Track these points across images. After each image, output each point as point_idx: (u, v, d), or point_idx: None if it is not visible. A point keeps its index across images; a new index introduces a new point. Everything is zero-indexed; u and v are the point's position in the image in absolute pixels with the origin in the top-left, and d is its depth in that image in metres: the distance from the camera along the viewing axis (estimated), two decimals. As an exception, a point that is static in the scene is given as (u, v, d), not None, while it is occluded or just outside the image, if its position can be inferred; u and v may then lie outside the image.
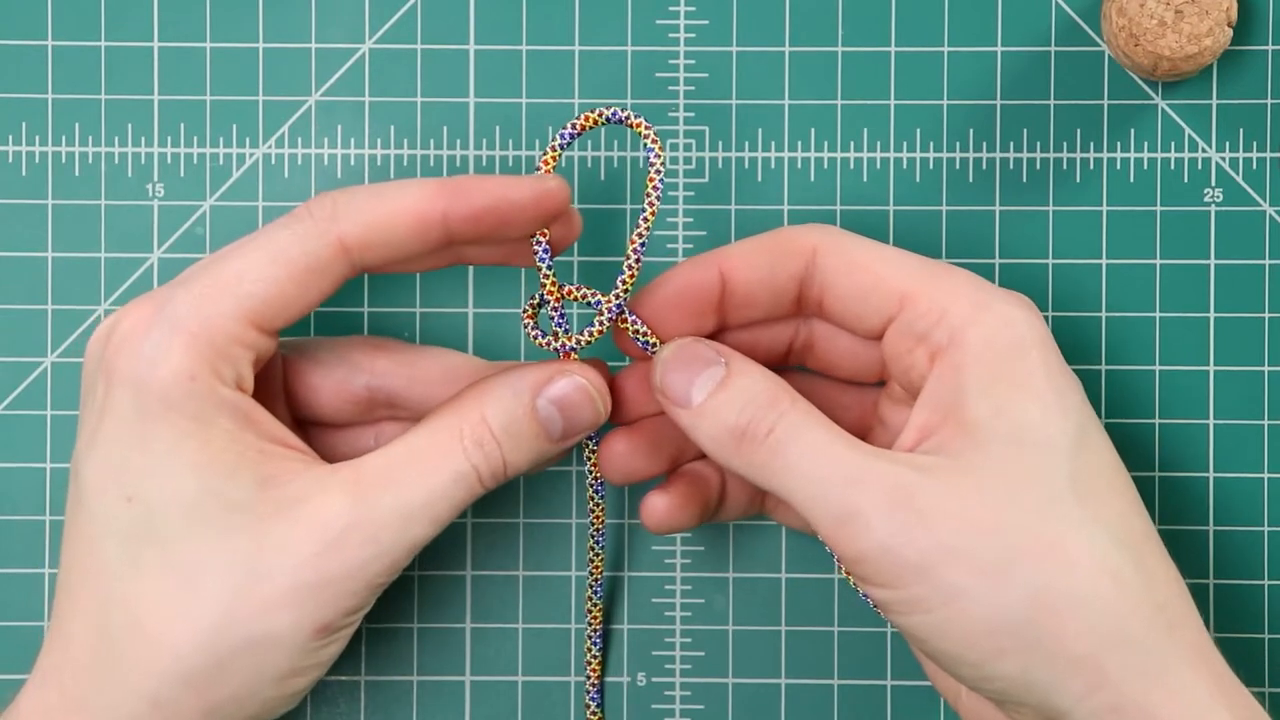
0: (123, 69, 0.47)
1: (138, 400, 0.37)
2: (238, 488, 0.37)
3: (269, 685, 0.38)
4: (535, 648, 0.47)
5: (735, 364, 0.39)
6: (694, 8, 0.47)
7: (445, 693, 0.47)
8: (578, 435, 0.41)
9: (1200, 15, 0.44)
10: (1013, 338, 0.38)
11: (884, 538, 0.36)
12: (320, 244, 0.38)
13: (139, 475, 0.37)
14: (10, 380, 0.47)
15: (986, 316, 0.38)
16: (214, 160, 0.47)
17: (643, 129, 0.40)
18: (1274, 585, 0.46)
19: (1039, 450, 0.37)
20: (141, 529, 0.37)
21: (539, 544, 0.47)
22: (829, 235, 0.41)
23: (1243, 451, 0.46)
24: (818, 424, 0.38)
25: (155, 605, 0.37)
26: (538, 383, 0.40)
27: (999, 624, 0.36)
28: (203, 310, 0.37)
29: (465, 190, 0.38)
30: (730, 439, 0.38)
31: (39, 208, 0.47)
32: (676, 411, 0.39)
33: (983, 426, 0.37)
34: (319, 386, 0.42)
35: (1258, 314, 0.47)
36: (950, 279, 0.39)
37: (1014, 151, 0.47)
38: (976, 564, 0.36)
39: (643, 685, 0.47)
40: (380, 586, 0.38)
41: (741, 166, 0.47)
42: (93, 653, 0.37)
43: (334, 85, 0.47)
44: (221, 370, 0.37)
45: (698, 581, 0.47)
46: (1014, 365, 0.38)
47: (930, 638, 0.37)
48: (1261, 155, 0.47)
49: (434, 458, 0.38)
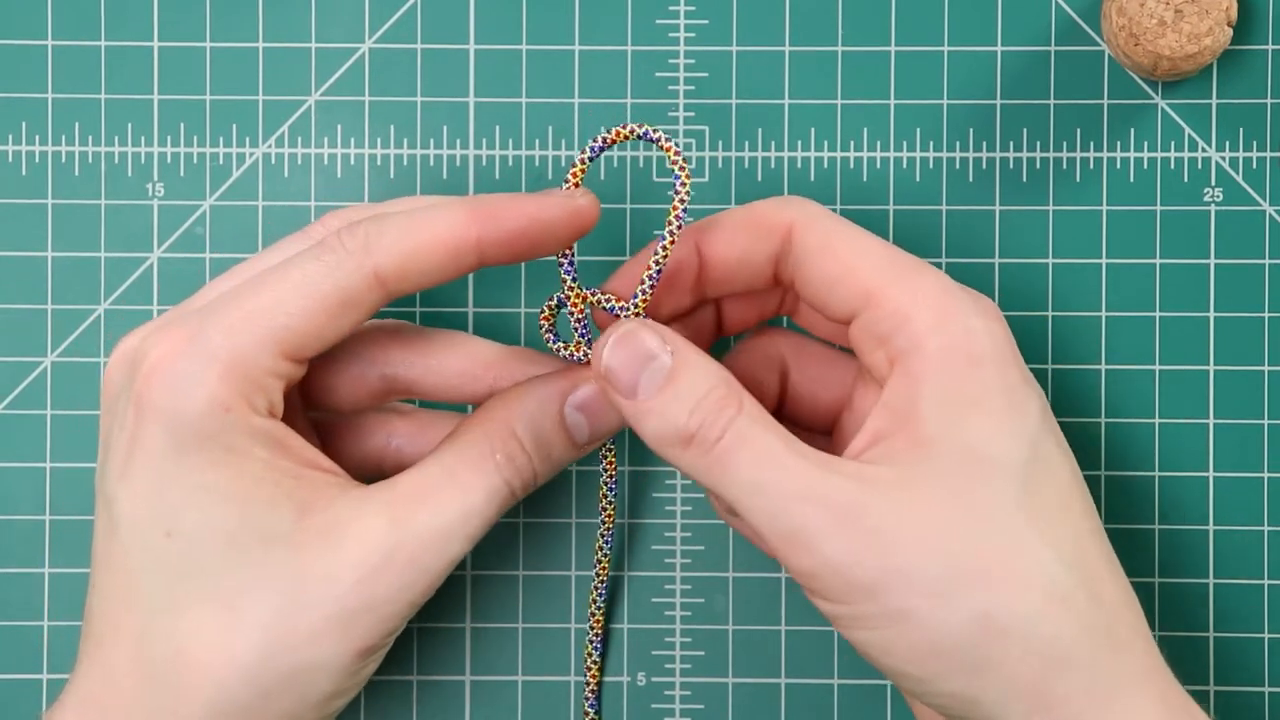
0: (123, 69, 0.47)
1: (173, 433, 0.37)
2: (277, 518, 0.37)
3: (311, 710, 0.38)
4: (535, 648, 0.47)
5: (682, 357, 0.38)
6: (694, 8, 0.47)
7: (445, 693, 0.47)
8: (602, 439, 0.41)
9: (1200, 15, 0.44)
10: (971, 350, 0.37)
11: (831, 557, 0.36)
12: (356, 278, 0.38)
13: (177, 509, 0.37)
14: (10, 380, 0.47)
15: (948, 325, 0.37)
16: (214, 160, 0.47)
17: (672, 153, 0.39)
18: (1274, 585, 0.46)
19: (989, 469, 0.36)
20: (182, 562, 0.37)
21: (539, 544, 0.47)
22: (806, 212, 0.40)
23: (1243, 452, 0.46)
24: (767, 430, 0.37)
25: (198, 637, 0.37)
26: (563, 391, 0.40)
27: (944, 646, 0.36)
28: (236, 342, 0.37)
29: (499, 214, 0.38)
30: (677, 440, 0.37)
31: (39, 208, 0.47)
32: (621, 403, 0.38)
33: (935, 441, 0.37)
34: (335, 383, 0.42)
35: (1258, 314, 0.47)
36: (917, 281, 0.38)
37: (1014, 151, 0.47)
38: (923, 586, 0.35)
39: (643, 685, 0.47)
40: (420, 605, 0.38)
41: (741, 166, 0.47)
42: (137, 684, 0.37)
43: (334, 85, 0.47)
44: (255, 400, 0.37)
45: (698, 581, 0.47)
46: (970, 379, 0.37)
47: (876, 653, 0.37)
48: (1261, 155, 0.47)
49: (468, 476, 0.38)
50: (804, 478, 0.36)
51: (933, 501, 0.36)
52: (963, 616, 0.35)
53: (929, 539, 0.36)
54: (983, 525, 0.36)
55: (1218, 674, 0.46)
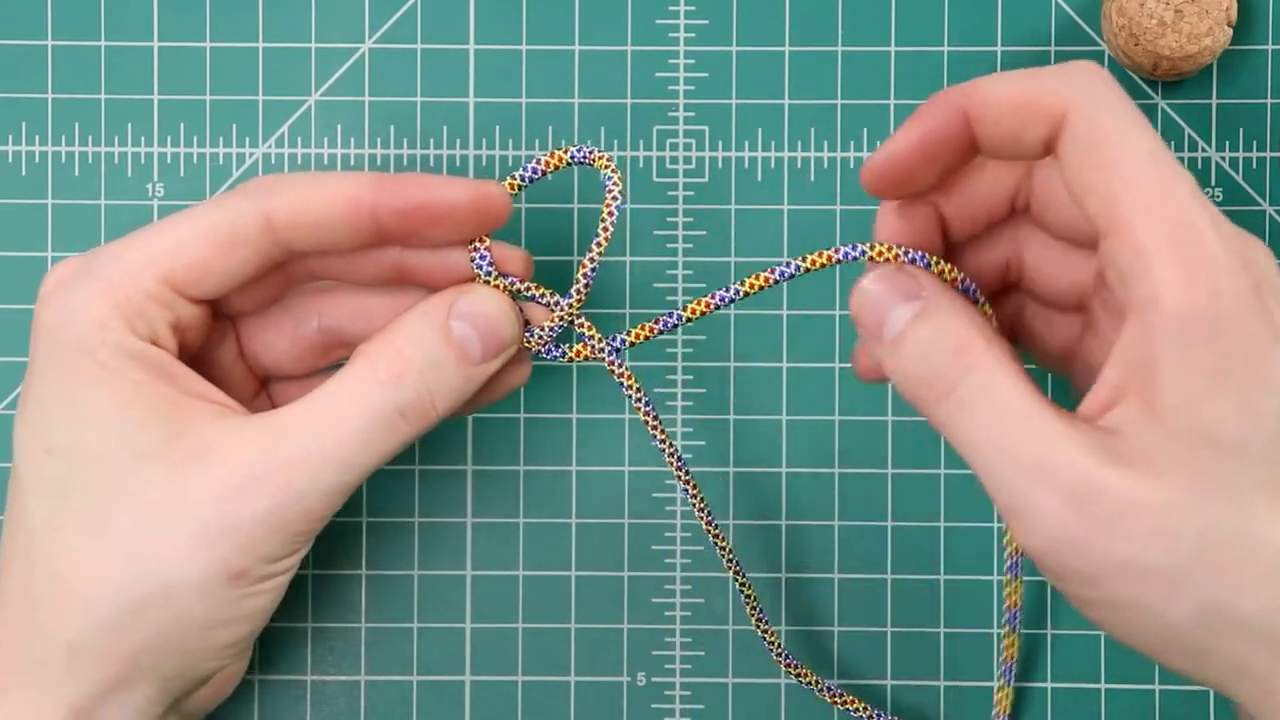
0: (123, 69, 0.47)
1: (55, 350, 0.38)
2: (148, 437, 0.37)
3: (189, 635, 0.37)
4: (535, 648, 0.47)
5: (935, 300, 0.36)
6: (694, 8, 0.47)
7: (445, 693, 0.47)
8: (497, 354, 0.39)
9: (1200, 15, 0.44)
10: (1216, 316, 0.33)
11: (1056, 539, 0.34)
12: (247, 216, 0.38)
13: (55, 426, 0.37)
14: (10, 380, 0.47)
15: (1195, 283, 0.33)
16: (214, 160, 0.47)
17: (603, 161, 0.39)
18: (1274, 585, 0.46)
19: (1228, 453, 0.34)
20: (59, 480, 0.37)
21: (539, 544, 0.47)
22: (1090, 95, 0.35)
23: (1243, 451, 0.46)
24: (1006, 383, 0.35)
25: (70, 555, 0.37)
26: (446, 302, 0.39)
27: (1167, 635, 0.35)
28: (118, 265, 0.38)
29: (399, 184, 0.38)
30: (914, 385, 0.36)
31: (39, 208, 0.47)
32: (871, 343, 0.37)
33: (1174, 415, 0.34)
34: (273, 340, 0.42)
35: (1258, 314, 0.46)
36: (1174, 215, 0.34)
37: (1014, 151, 0.47)
38: (1150, 576, 0.34)
39: (643, 685, 0.47)
40: (300, 534, 0.38)
41: (741, 166, 0.47)
42: (18, 606, 0.38)
43: (334, 85, 0.47)
44: (135, 324, 0.38)
45: (698, 581, 0.47)
46: (1211, 349, 0.34)
47: (1099, 625, 0.36)
48: (1261, 155, 0.47)
49: (346, 398, 0.38)
50: (1040, 445, 0.34)
51: (1168, 489, 0.34)
52: (1189, 607, 0.34)
53: (1160, 528, 0.34)
54: (1218, 513, 0.34)
55: (1218, 674, 0.46)
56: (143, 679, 0.37)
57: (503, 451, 0.47)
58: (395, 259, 0.40)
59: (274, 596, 0.38)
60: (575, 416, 0.47)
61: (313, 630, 0.47)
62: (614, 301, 0.47)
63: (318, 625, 0.47)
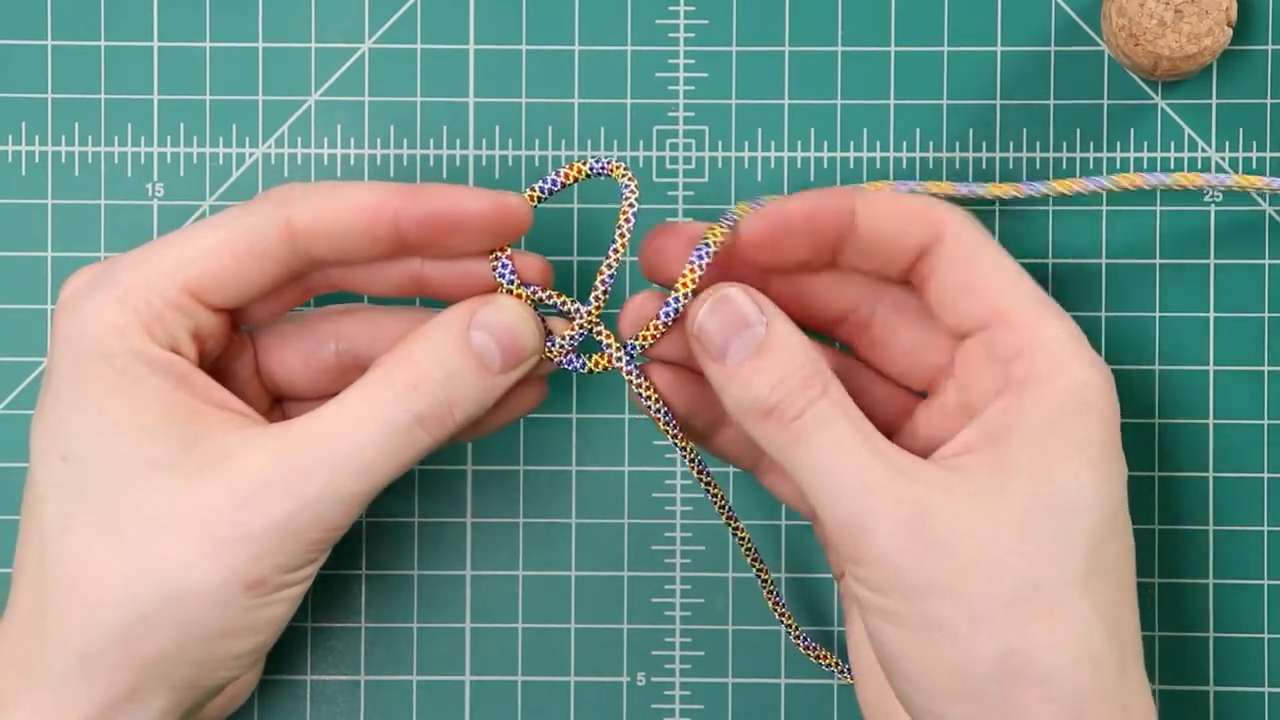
0: (123, 69, 0.47)
1: (73, 355, 0.37)
2: (164, 444, 0.37)
3: (202, 644, 0.37)
4: (535, 648, 0.47)
5: (776, 328, 0.38)
6: (694, 8, 0.47)
7: (445, 693, 0.47)
8: (517, 365, 0.39)
9: (1200, 15, 0.44)
10: (1086, 399, 0.37)
11: (887, 553, 0.36)
12: (266, 224, 0.38)
13: (72, 432, 0.37)
14: (10, 380, 0.47)
15: (1070, 370, 0.37)
16: (214, 160, 0.47)
17: (620, 171, 0.40)
18: (1274, 585, 0.46)
19: (1070, 514, 0.36)
20: (75, 485, 0.37)
21: (539, 544, 0.47)
22: (958, 217, 0.39)
23: (1243, 451, 0.46)
24: (847, 416, 0.37)
25: (82, 561, 0.37)
26: (467, 313, 0.39)
27: (965, 670, 0.35)
28: (138, 271, 0.38)
29: (420, 193, 0.38)
30: (756, 411, 0.37)
31: (39, 208, 0.47)
32: (708, 364, 0.38)
33: (1023, 470, 0.36)
34: (288, 360, 0.42)
35: (1258, 314, 0.47)
36: (1052, 319, 0.38)
37: (1014, 151, 0.47)
38: (968, 606, 0.35)
39: (643, 685, 0.47)
40: (316, 543, 0.38)
41: (741, 166, 0.47)
42: (30, 612, 0.37)
43: (334, 85, 0.47)
44: (154, 330, 0.38)
45: (698, 581, 0.47)
46: (1078, 424, 0.37)
47: (894, 651, 0.37)
48: (1261, 155, 0.47)
49: (361, 408, 0.38)
50: (876, 472, 0.36)
51: (1002, 527, 0.36)
52: (996, 647, 0.35)
53: (987, 564, 0.36)
54: (1044, 566, 0.36)
55: (1217, 674, 0.46)
56: (155, 689, 0.37)
57: (503, 452, 0.47)
58: (415, 270, 0.40)
59: (289, 607, 0.38)
60: (575, 416, 0.47)
61: (313, 630, 0.47)
62: (614, 302, 0.47)
63: (318, 625, 0.47)
